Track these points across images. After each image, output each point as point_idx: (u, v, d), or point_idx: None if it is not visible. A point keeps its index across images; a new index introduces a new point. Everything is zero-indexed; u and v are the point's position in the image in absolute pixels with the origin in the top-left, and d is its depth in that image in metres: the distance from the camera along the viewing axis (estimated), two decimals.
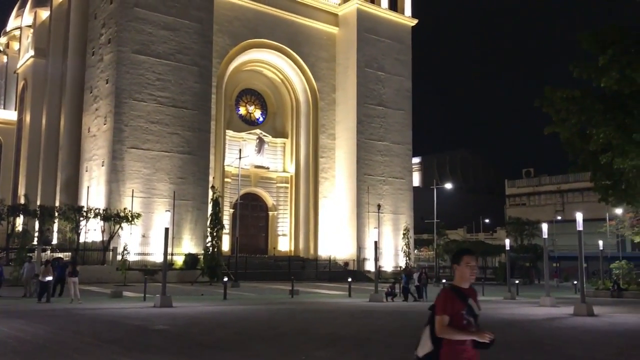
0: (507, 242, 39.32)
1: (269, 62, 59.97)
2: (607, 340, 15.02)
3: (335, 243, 58.51)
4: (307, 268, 51.88)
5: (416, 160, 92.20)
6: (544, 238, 30.30)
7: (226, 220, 52.09)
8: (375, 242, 31.46)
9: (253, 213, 58.50)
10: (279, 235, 59.76)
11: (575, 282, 39.09)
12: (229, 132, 56.60)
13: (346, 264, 55.79)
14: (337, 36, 62.17)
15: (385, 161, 60.95)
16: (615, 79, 21.04)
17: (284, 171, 60.64)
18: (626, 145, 21.22)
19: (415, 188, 67.97)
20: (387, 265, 57.13)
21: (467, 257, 4.92)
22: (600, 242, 43.01)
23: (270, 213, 59.94)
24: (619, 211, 47.60)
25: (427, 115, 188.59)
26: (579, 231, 23.74)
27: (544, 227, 30.49)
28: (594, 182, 25.73)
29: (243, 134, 58.01)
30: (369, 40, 60.97)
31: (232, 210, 53.87)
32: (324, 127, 60.55)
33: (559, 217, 73.50)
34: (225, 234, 51.18)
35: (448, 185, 66.77)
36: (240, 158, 47.73)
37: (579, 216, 23.89)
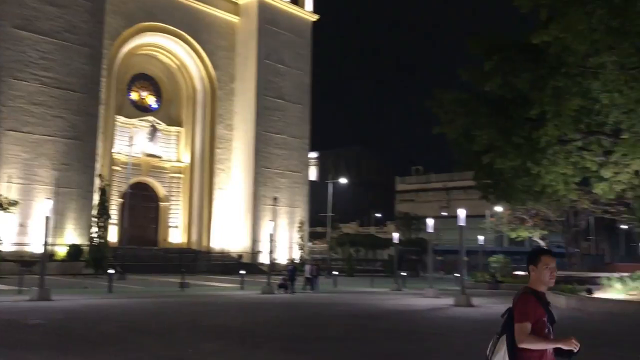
0: (396, 235, 40.85)
1: (165, 47, 57.86)
2: (481, 328, 16.01)
3: (229, 235, 57.81)
4: (199, 260, 50.85)
5: (313, 155, 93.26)
6: (430, 232, 31.77)
7: (114, 211, 49.84)
8: (271, 235, 31.47)
9: (143, 203, 56.23)
10: (171, 226, 58.06)
11: (457, 275, 41.39)
12: (120, 118, 53.96)
13: (240, 256, 55.35)
14: (238, 25, 61.24)
15: (283, 154, 61.04)
16: (498, 84, 22.50)
17: (178, 161, 58.94)
18: (506, 147, 22.78)
19: (311, 182, 68.78)
20: (282, 258, 57.35)
21: (547, 257, 4.35)
22: (481, 237, 45.85)
23: (162, 204, 58.02)
24: (498, 208, 51.02)
25: (325, 111, 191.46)
26: (461, 226, 25.17)
27: (430, 222, 31.96)
28: (476, 180, 27.41)
29: (135, 121, 55.54)
30: (270, 32, 60.63)
31: (121, 200, 51.59)
32: (221, 117, 59.48)
33: (445, 213, 77.45)
34: (113, 224, 48.92)
35: (343, 180, 68.13)
36: (130, 145, 45.81)
37: (461, 212, 25.32)
